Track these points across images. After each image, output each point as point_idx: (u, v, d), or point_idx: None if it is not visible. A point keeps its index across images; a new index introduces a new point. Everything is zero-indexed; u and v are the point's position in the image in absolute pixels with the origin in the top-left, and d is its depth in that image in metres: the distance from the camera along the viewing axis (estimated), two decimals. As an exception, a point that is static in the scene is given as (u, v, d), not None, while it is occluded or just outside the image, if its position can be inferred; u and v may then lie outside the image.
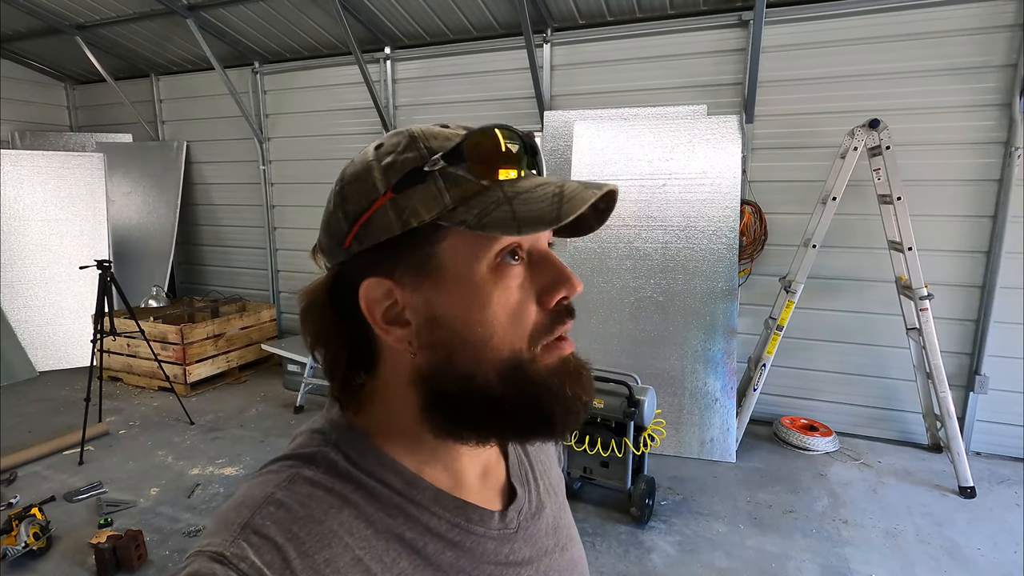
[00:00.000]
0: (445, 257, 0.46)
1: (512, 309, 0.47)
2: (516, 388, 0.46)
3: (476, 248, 0.46)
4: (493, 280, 0.46)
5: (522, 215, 0.43)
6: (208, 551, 0.41)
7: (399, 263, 0.47)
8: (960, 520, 2.87)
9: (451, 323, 0.46)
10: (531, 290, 0.48)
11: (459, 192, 0.45)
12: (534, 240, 0.49)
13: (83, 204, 5.13)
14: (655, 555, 2.60)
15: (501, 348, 0.46)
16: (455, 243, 0.46)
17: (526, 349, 0.47)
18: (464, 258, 0.46)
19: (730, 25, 3.72)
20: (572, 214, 0.43)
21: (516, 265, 0.47)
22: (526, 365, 0.47)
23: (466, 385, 0.47)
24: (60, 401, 4.40)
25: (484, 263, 0.46)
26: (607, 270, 3.72)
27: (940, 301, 3.35)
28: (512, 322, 0.47)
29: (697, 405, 3.52)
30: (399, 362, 0.49)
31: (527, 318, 0.47)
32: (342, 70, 4.89)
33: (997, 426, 3.51)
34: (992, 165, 3.32)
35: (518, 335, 0.47)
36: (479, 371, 0.46)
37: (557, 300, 0.48)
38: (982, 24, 3.24)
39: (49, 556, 2.58)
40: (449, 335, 0.46)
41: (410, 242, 0.46)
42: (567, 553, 0.60)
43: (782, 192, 3.76)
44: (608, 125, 3.85)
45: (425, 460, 0.51)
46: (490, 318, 0.46)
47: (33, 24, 5.01)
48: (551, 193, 0.44)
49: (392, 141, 0.48)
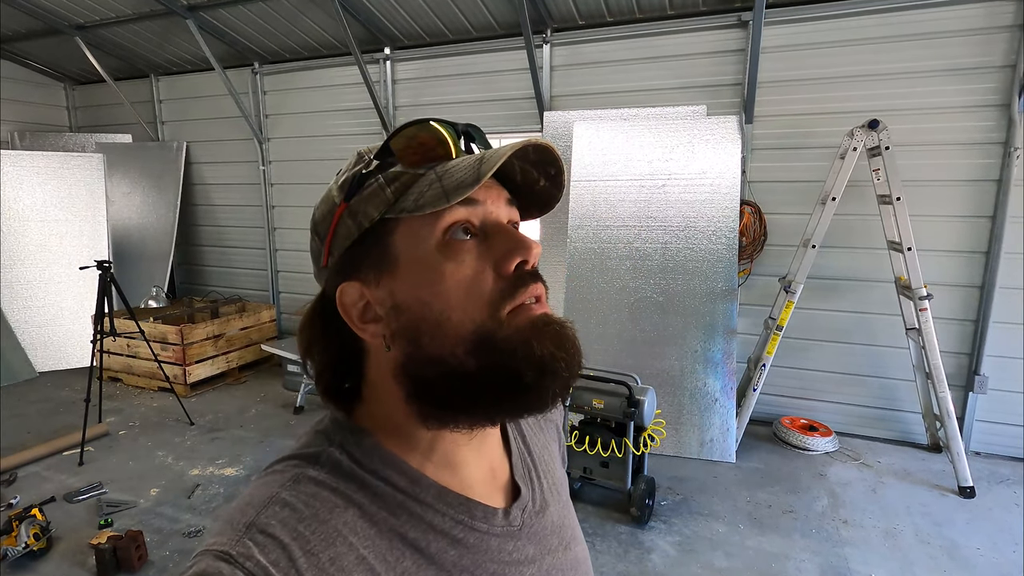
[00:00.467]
0: (399, 247, 0.49)
1: (467, 281, 0.47)
2: (486, 359, 0.46)
3: (422, 230, 0.48)
4: (444, 256, 0.47)
5: (448, 186, 0.46)
6: (214, 550, 0.42)
7: (363, 262, 0.50)
8: (959, 520, 2.88)
9: (411, 306, 0.48)
10: (488, 260, 0.48)
11: (399, 185, 0.48)
12: (485, 214, 0.50)
13: (83, 204, 5.13)
14: (655, 555, 2.60)
15: (463, 322, 0.47)
16: (404, 231, 0.48)
17: (488, 319, 0.47)
18: (414, 242, 0.48)
19: (730, 26, 3.73)
20: (490, 171, 0.44)
21: (467, 240, 0.48)
22: (492, 334, 0.47)
23: (440, 367, 0.47)
24: (60, 402, 4.39)
25: (432, 242, 0.48)
26: (607, 270, 3.72)
27: (939, 301, 3.35)
28: (468, 294, 0.47)
29: (697, 405, 3.52)
30: (381, 359, 0.51)
31: (484, 287, 0.47)
32: (342, 70, 4.89)
33: (996, 426, 3.52)
34: (991, 165, 3.33)
35: (477, 306, 0.47)
36: (447, 350, 0.47)
37: (515, 265, 0.48)
38: (981, 25, 3.24)
39: (49, 557, 2.58)
40: (412, 319, 0.48)
41: (368, 242, 0.49)
42: (571, 551, 0.60)
43: (782, 192, 3.76)
44: (608, 125, 3.86)
45: (426, 456, 0.52)
46: (445, 292, 0.47)
47: (33, 24, 5.01)
48: (473, 160, 0.47)
49: (346, 163, 0.53)
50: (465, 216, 0.48)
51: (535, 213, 0.56)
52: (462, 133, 0.51)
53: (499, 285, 0.48)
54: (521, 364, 0.46)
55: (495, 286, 0.48)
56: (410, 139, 0.49)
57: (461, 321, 0.47)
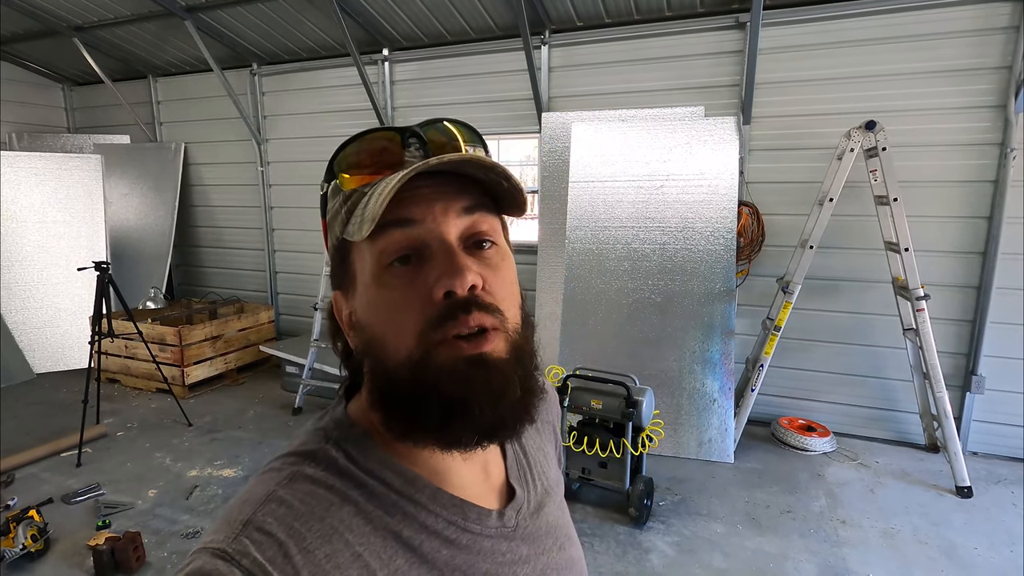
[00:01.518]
0: (355, 267, 0.51)
1: (395, 309, 0.47)
2: (416, 388, 0.46)
3: (366, 254, 0.49)
4: (378, 284, 0.48)
5: (367, 216, 0.45)
6: (211, 547, 0.42)
7: (339, 276, 0.53)
8: (957, 520, 2.89)
9: (363, 325, 0.50)
10: (421, 287, 0.46)
11: (350, 206, 0.49)
12: (425, 233, 0.47)
13: (81, 206, 5.12)
14: (653, 555, 2.61)
15: (397, 348, 0.47)
16: (357, 253, 0.50)
17: (415, 347, 0.46)
18: (362, 265, 0.49)
19: (727, 27, 3.73)
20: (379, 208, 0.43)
21: (401, 267, 0.47)
22: (422, 363, 0.46)
23: (391, 384, 0.48)
24: (58, 403, 4.39)
25: (370, 267, 0.48)
26: (605, 271, 3.72)
27: (937, 302, 3.37)
28: (397, 322, 0.46)
29: (695, 406, 3.52)
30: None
31: (409, 318, 0.46)
32: (340, 72, 4.89)
33: (994, 426, 3.53)
34: (988, 166, 3.34)
35: (406, 335, 0.46)
36: (389, 371, 0.48)
37: (442, 295, 0.45)
38: (978, 26, 3.25)
39: (47, 558, 2.58)
40: (367, 337, 0.50)
41: (339, 257, 0.52)
42: (565, 552, 0.61)
43: (779, 193, 3.77)
44: (606, 127, 3.86)
45: (410, 459, 0.52)
46: (380, 319, 0.48)
47: (31, 25, 5.01)
48: (384, 188, 0.45)
49: None
50: (400, 240, 0.46)
51: (514, 213, 0.52)
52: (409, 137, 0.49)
53: (427, 314, 0.45)
54: (434, 401, 0.45)
55: (422, 315, 0.46)
56: (350, 157, 0.50)
57: (396, 347, 0.47)
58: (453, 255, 0.46)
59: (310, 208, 5.18)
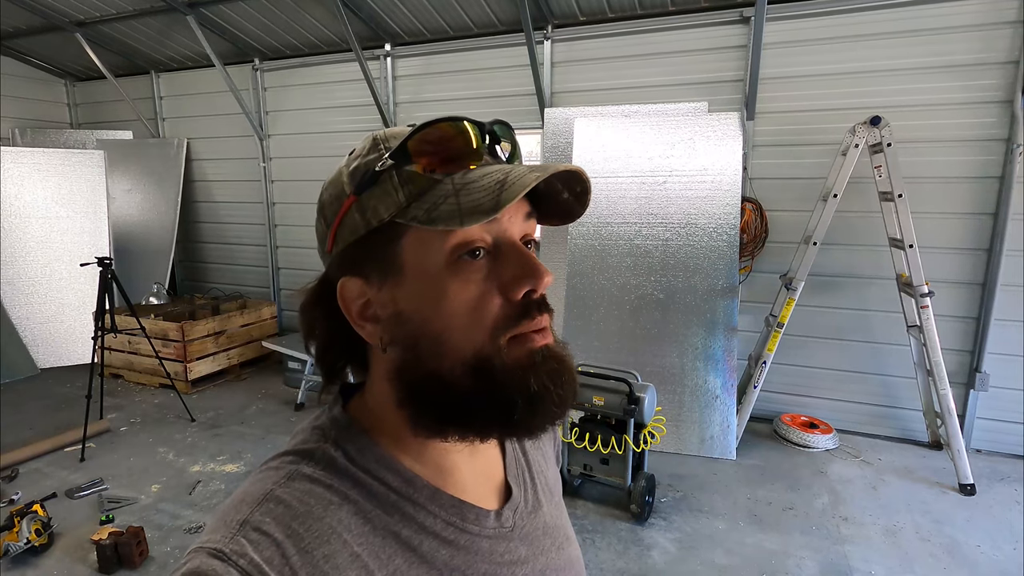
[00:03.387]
0: (406, 253, 0.47)
1: (471, 303, 0.46)
2: (482, 384, 0.46)
3: (432, 243, 0.46)
4: (451, 275, 0.46)
5: (465, 207, 0.43)
6: (208, 547, 0.42)
7: (368, 261, 0.48)
8: (960, 518, 2.88)
9: (413, 318, 0.47)
10: (495, 283, 0.46)
11: (412, 189, 0.46)
12: (500, 231, 0.47)
13: (84, 201, 5.13)
14: (655, 552, 2.61)
15: (463, 344, 0.46)
16: (414, 239, 0.46)
17: (488, 343, 0.46)
18: (422, 253, 0.46)
19: (731, 22, 3.71)
20: (509, 202, 0.42)
21: (477, 260, 0.46)
22: (490, 360, 0.46)
23: (433, 381, 0.47)
24: (61, 398, 4.40)
25: (441, 258, 0.46)
26: (608, 267, 3.72)
27: (941, 298, 3.35)
28: (471, 317, 0.46)
29: (697, 402, 3.52)
30: (378, 357, 0.51)
31: (487, 312, 0.46)
32: (342, 67, 4.88)
33: (997, 423, 3.52)
34: (993, 162, 3.31)
35: (479, 330, 0.46)
36: (444, 366, 0.46)
37: (523, 294, 0.47)
38: (984, 20, 3.22)
39: (51, 552, 2.59)
40: (413, 330, 0.47)
41: (375, 241, 0.47)
42: (563, 552, 0.60)
43: (783, 189, 3.75)
44: (609, 122, 3.85)
45: (417, 457, 0.52)
46: (447, 312, 0.46)
47: (34, 21, 5.01)
48: (495, 181, 0.44)
49: (360, 145, 0.50)
50: (479, 235, 0.46)
51: (555, 222, 0.53)
52: (488, 134, 0.49)
53: (504, 311, 0.46)
54: (514, 396, 0.46)
55: (500, 312, 0.46)
56: (430, 142, 0.46)
57: (461, 342, 0.46)
58: (528, 255, 0.47)
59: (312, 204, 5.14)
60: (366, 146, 0.49)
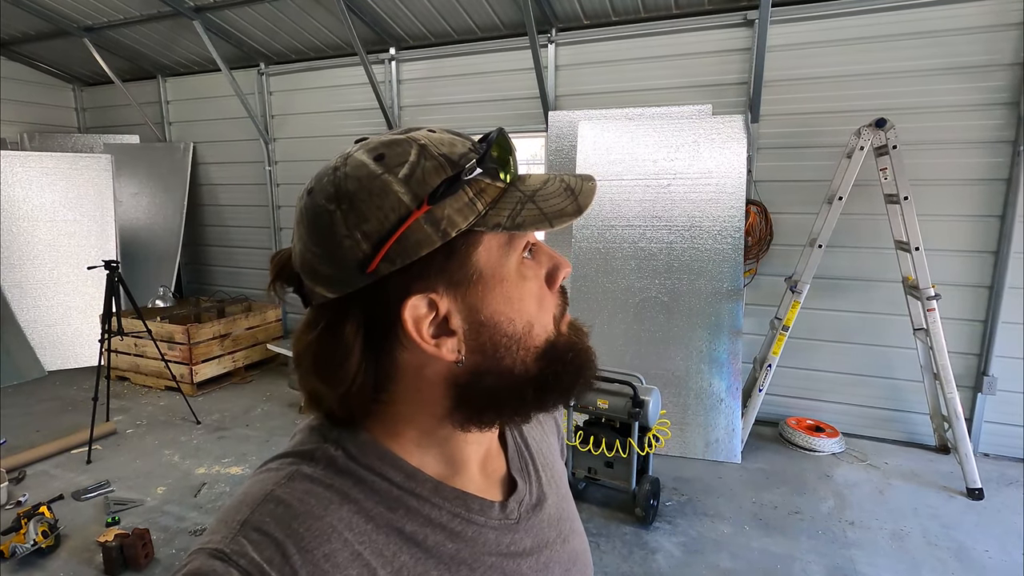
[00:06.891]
0: (481, 261, 0.47)
1: (537, 298, 0.51)
2: (547, 365, 0.51)
3: (507, 248, 0.49)
4: (521, 275, 0.50)
5: (549, 211, 0.48)
6: (208, 548, 0.42)
7: (439, 274, 0.46)
8: (967, 522, 2.85)
9: (496, 322, 0.49)
10: (543, 275, 0.53)
11: (487, 197, 0.47)
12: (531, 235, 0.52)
13: (91, 205, 5.16)
14: (660, 556, 2.60)
15: (539, 335, 0.51)
16: (489, 246, 0.48)
17: (554, 330, 0.52)
18: (498, 259, 0.48)
19: (735, 24, 3.71)
20: (588, 205, 0.50)
21: (530, 258, 0.52)
22: (555, 343, 0.52)
23: (506, 376, 0.49)
24: (68, 400, 4.43)
25: (514, 260, 0.50)
26: (612, 270, 3.71)
27: (947, 301, 3.33)
28: (541, 309, 0.51)
29: (702, 405, 3.51)
30: (426, 372, 0.49)
31: (549, 303, 0.53)
32: (347, 71, 4.91)
33: (1005, 427, 3.49)
34: (1000, 164, 3.29)
35: (548, 319, 0.52)
36: (519, 360, 0.50)
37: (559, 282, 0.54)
38: (989, 22, 3.21)
39: (57, 554, 2.60)
40: (496, 334, 0.49)
41: (447, 253, 0.45)
42: (569, 544, 0.61)
43: (788, 192, 3.74)
44: (613, 125, 3.85)
45: (427, 452, 0.52)
46: (527, 309, 0.50)
47: (41, 26, 5.06)
48: (563, 188, 0.50)
49: (397, 152, 0.46)
50: (533, 237, 0.52)
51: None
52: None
53: (556, 300, 0.54)
54: (569, 366, 0.52)
55: (553, 301, 0.53)
56: (503, 152, 0.48)
57: (538, 334, 0.51)
58: (553, 251, 0.54)
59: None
60: (411, 153, 0.45)
